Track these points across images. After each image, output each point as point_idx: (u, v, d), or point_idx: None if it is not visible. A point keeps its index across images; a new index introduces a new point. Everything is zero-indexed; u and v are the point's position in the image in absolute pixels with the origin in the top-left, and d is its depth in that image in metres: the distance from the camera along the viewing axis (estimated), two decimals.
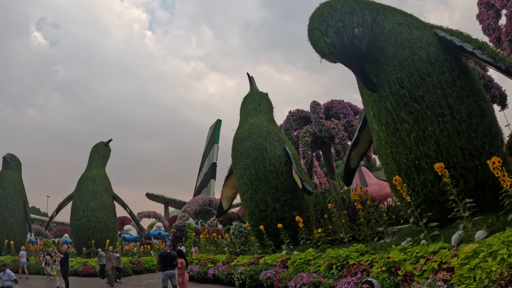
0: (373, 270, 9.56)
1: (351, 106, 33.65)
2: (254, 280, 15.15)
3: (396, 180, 10.86)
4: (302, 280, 11.74)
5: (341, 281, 10.21)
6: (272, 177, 20.30)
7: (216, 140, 73.31)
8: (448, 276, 7.63)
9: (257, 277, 15.10)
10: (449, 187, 9.91)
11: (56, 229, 75.62)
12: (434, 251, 8.74)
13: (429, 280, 7.78)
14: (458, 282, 7.33)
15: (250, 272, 15.55)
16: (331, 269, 11.79)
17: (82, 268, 28.26)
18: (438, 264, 8.09)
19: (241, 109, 24.28)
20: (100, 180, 36.07)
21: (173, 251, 14.83)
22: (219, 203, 24.81)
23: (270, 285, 14.05)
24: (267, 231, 19.65)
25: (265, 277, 14.41)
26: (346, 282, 9.87)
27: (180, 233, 33.36)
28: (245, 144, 21.34)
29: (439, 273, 7.85)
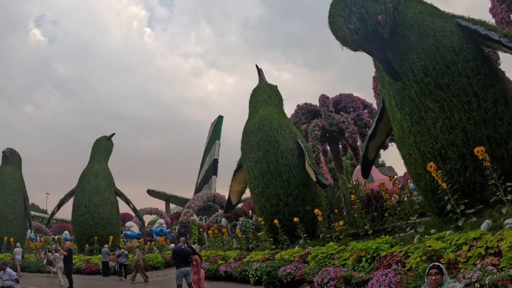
0: (410, 261, 9.31)
1: (360, 100, 33.48)
2: (272, 277, 14.77)
3: (430, 166, 10.67)
4: (329, 275, 11.42)
5: (376, 274, 9.91)
6: (285, 170, 20.10)
7: (217, 136, 72.92)
8: (496, 261, 7.46)
9: (275, 273, 14.74)
10: (489, 171, 9.80)
11: (56, 226, 75.36)
12: (476, 237, 8.55)
13: (478, 265, 7.60)
14: (509, 265, 7.18)
15: (268, 269, 15.16)
16: (360, 262, 11.50)
17: (84, 265, 28.03)
18: (484, 249, 7.91)
19: (250, 101, 24.07)
20: (103, 175, 35.66)
21: (187, 247, 14.20)
22: (228, 198, 24.60)
23: (291, 281, 13.73)
24: (277, 227, 19.45)
25: (284, 273, 14.05)
26: (383, 274, 9.54)
27: (184, 229, 33.23)
28: (256, 137, 21.11)
29: (486, 258, 7.67)
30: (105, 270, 25.54)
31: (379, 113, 16.21)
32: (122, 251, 24.70)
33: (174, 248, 14.76)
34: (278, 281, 14.54)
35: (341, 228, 16.47)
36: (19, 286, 14.08)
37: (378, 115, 16.33)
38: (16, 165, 40.94)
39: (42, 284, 22.18)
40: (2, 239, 35.94)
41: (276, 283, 14.61)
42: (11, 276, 13.78)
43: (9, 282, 13.72)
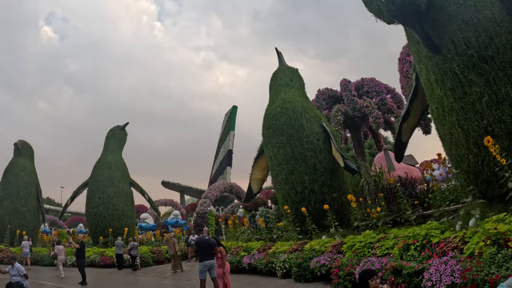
0: (470, 246, 8.42)
1: (382, 84, 32.07)
2: (303, 269, 13.68)
3: (488, 140, 9.73)
4: (373, 266, 10.38)
5: (432, 262, 8.90)
6: (310, 156, 19.14)
7: (232, 127, 71.77)
8: None
9: (306, 265, 13.64)
10: None
11: (71, 219, 75.19)
12: None
13: None
14: None
15: (298, 260, 14.02)
16: (408, 251, 10.56)
17: (99, 258, 27.21)
18: None
19: (271, 85, 23.15)
20: (117, 166, 34.71)
21: (211, 238, 12.88)
22: (248, 186, 23.51)
23: (325, 273, 12.73)
24: (303, 215, 18.42)
25: (317, 265, 13.05)
26: (442, 262, 8.45)
27: (201, 220, 32.25)
28: (278, 121, 20.11)
29: None
30: (119, 263, 24.75)
31: (413, 92, 15.42)
32: (133, 243, 24.10)
33: (197, 239, 13.35)
34: (309, 274, 13.54)
35: (378, 215, 15.19)
36: (27, 282, 13.13)
37: (412, 94, 15.53)
38: (29, 157, 40.24)
39: (53, 278, 21.29)
40: (15, 232, 35.10)
41: (307, 275, 13.59)
42: (19, 272, 12.83)
43: (17, 277, 12.80)
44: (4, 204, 37.09)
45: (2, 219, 36.85)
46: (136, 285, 17.78)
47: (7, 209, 36.82)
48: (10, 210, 36.69)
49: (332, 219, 17.24)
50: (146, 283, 18.27)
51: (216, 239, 12.55)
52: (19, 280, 12.69)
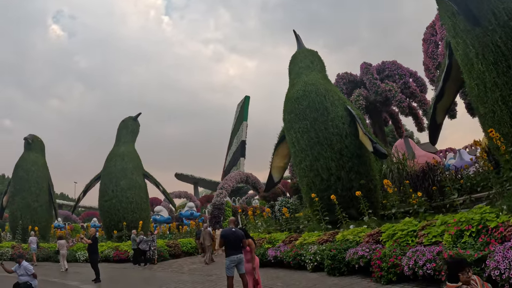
0: None
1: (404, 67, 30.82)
2: (338, 261, 12.45)
3: None
4: (424, 256, 9.21)
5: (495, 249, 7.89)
6: (336, 140, 18.02)
7: (245, 117, 70.56)
8: None
9: (341, 257, 12.47)
10: None
11: (85, 213, 75.11)
12: None
13: None
14: None
15: (332, 252, 12.79)
16: (462, 237, 9.48)
17: (113, 253, 26.29)
18: None
19: (290, 68, 22.01)
20: (130, 157, 33.52)
21: (239, 229, 11.29)
22: (269, 175, 22.37)
23: (364, 266, 11.57)
24: (329, 203, 17.33)
25: (355, 257, 11.83)
26: (509, 248, 7.37)
27: (218, 211, 31.14)
28: (301, 104, 18.99)
29: None
30: (135, 258, 23.51)
31: (446, 71, 14.57)
32: (142, 237, 23.31)
33: (223, 231, 11.48)
34: (344, 266, 12.35)
35: (419, 201, 14.07)
36: (36, 282, 12.15)
37: (445, 72, 14.69)
38: (39, 151, 39.63)
39: (63, 275, 20.39)
40: (27, 228, 34.16)
41: (342, 268, 12.39)
42: (27, 271, 11.82)
43: (25, 277, 11.81)
44: (15, 200, 36.53)
45: (14, 215, 36.35)
46: (153, 282, 16.52)
47: (18, 205, 36.25)
48: (21, 206, 36.10)
49: (365, 207, 16.24)
50: (163, 279, 16.96)
51: (244, 231, 11.19)
52: (27, 280, 11.73)
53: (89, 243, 17.61)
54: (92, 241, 17.67)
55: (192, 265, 21.27)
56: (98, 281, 17.00)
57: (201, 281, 15.11)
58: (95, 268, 17.27)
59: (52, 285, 17.25)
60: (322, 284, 11.50)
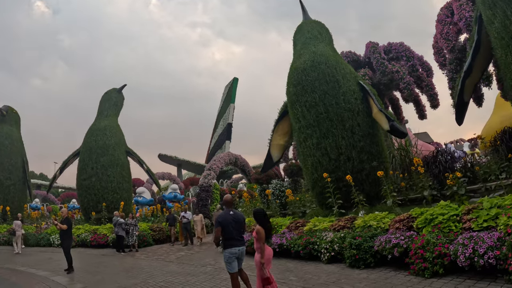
0: None
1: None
2: (364, 251, 10.68)
3: None
4: (484, 243, 7.83)
5: None
6: (348, 117, 16.43)
7: (232, 100, 68.51)
8: None
9: (367, 246, 10.71)
10: None
11: (64, 194, 72.78)
12: None
13: None
14: None
15: (357, 240, 10.95)
16: None
17: (91, 237, 23.98)
18: None
19: (296, 39, 20.37)
20: (112, 132, 30.96)
21: (239, 212, 9.27)
22: (267, 154, 20.48)
23: (397, 257, 9.83)
24: (338, 187, 15.72)
25: (387, 246, 10.01)
26: None
27: (205, 194, 29.29)
28: (309, 76, 17.31)
29: None
30: (119, 244, 21.06)
31: (475, 46, 13.87)
32: (117, 218, 21.05)
33: (219, 217, 8.83)
34: (371, 257, 10.53)
35: (458, 182, 12.64)
36: None
37: (474, 48, 13.91)
38: (14, 124, 37.23)
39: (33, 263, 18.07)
40: None
41: (368, 259, 10.57)
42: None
43: None
44: None
45: None
46: (137, 272, 14.13)
47: None
48: None
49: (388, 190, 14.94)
50: (148, 270, 14.62)
51: (258, 213, 8.41)
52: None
53: (63, 228, 14.82)
54: (66, 224, 14.94)
55: (179, 252, 19.26)
56: (71, 270, 14.72)
57: (194, 273, 12.91)
58: (67, 256, 14.84)
59: (18, 275, 15.00)
60: (347, 279, 9.64)
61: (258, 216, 8.31)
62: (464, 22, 22.51)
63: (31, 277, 14.37)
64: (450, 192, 13.22)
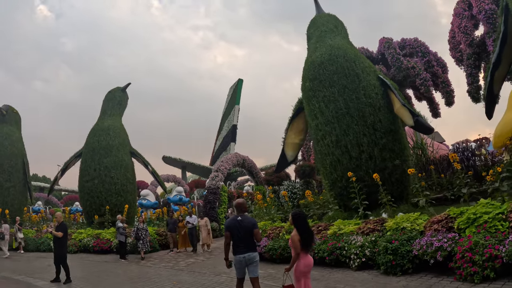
0: None
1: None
2: (401, 256, 9.82)
3: None
4: None
5: None
6: (369, 112, 15.61)
7: (237, 101, 68.00)
8: None
9: (404, 250, 9.85)
10: None
11: (67, 197, 72.12)
12: None
13: None
14: None
15: (394, 244, 10.07)
16: None
17: (93, 242, 23.03)
18: None
19: (311, 32, 19.61)
20: (116, 132, 29.99)
21: (249, 216, 8.62)
22: (281, 153, 19.57)
23: (442, 261, 8.94)
24: (359, 187, 14.82)
25: (429, 250, 9.12)
26: None
27: (213, 196, 28.38)
28: (327, 70, 16.51)
29: None
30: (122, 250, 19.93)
31: (502, 37, 13.38)
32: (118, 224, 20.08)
33: (227, 222, 8.41)
34: (409, 262, 9.63)
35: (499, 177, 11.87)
36: None
37: (501, 39, 13.39)
38: (14, 124, 36.19)
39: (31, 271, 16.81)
40: None
41: (405, 265, 9.67)
42: None
43: None
44: None
45: None
46: (143, 283, 12.87)
47: None
48: None
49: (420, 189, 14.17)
50: (157, 280, 13.36)
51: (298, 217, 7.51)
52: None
53: (59, 236, 13.30)
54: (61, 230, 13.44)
55: (188, 258, 18.28)
56: (68, 281, 13.33)
57: (208, 283, 11.83)
58: (64, 266, 13.46)
59: (12, 285, 13.76)
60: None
61: (298, 220, 7.44)
62: (484, 15, 21.77)
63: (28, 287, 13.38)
64: (490, 189, 12.38)
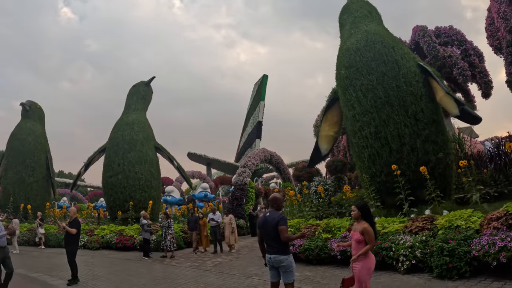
0: None
1: None
2: (458, 258, 8.84)
3: None
4: None
5: None
6: (410, 101, 14.63)
7: (262, 97, 67.01)
8: None
9: (461, 251, 8.81)
10: None
11: (92, 193, 72.40)
12: None
13: None
14: None
15: (451, 244, 9.08)
16: None
17: (116, 238, 22.41)
18: None
19: (343, 19, 18.71)
20: (140, 127, 29.34)
21: (278, 212, 7.08)
22: (314, 146, 18.55)
23: (505, 263, 7.99)
24: (399, 182, 13.80)
25: (492, 250, 8.11)
26: None
27: (240, 192, 27.55)
28: (364, 57, 15.60)
29: None
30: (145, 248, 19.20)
31: None
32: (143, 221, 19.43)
33: (260, 219, 7.31)
34: (466, 265, 8.68)
35: None
36: None
37: None
38: (38, 120, 36.15)
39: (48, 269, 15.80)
40: (19, 206, 31.21)
41: (462, 268, 8.71)
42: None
43: None
44: (8, 174, 33.13)
45: (6, 190, 32.96)
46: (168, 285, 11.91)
47: (11, 179, 32.90)
48: (14, 181, 32.80)
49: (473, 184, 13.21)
50: (183, 281, 12.45)
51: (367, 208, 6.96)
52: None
53: (72, 232, 12.50)
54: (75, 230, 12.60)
55: (216, 258, 17.45)
56: (75, 281, 12.51)
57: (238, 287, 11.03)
58: (71, 264, 12.56)
59: (27, 284, 12.77)
60: None
61: (368, 211, 6.85)
62: None
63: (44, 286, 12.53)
64: None
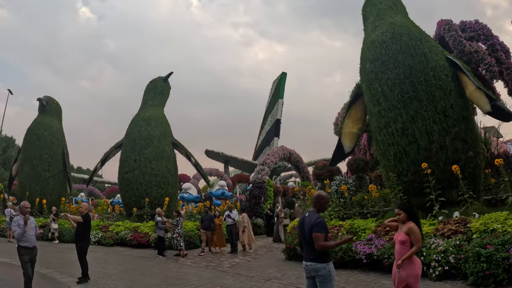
0: None
1: None
2: (496, 264, 8.34)
3: None
4: None
5: None
6: (439, 97, 13.99)
7: (280, 95, 66.40)
8: None
9: (499, 257, 8.25)
10: None
11: (109, 189, 73.05)
12: None
13: None
14: None
15: (489, 249, 8.56)
16: None
17: (131, 235, 22.24)
18: None
19: (367, 11, 18.13)
20: (158, 122, 28.87)
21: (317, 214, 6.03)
22: (337, 143, 17.90)
23: None
24: (428, 181, 13.24)
25: None
26: None
27: (258, 190, 27.05)
28: (390, 49, 15.00)
29: None
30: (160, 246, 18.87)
31: None
32: (157, 218, 19.24)
33: (300, 218, 6.50)
34: (504, 272, 8.20)
35: None
36: None
37: None
38: (55, 115, 35.88)
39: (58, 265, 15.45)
40: (35, 200, 30.81)
41: (500, 275, 8.20)
42: None
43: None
44: (24, 169, 32.97)
45: (22, 185, 32.88)
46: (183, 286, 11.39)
47: (27, 174, 32.68)
48: (31, 175, 32.50)
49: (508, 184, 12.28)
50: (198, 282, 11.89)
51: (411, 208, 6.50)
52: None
53: (79, 221, 12.17)
54: (82, 220, 12.27)
55: (233, 258, 17.02)
56: (85, 280, 12.09)
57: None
58: (81, 261, 12.17)
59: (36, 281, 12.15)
60: None
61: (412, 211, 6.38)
62: None
63: (50, 285, 11.99)
64: None
